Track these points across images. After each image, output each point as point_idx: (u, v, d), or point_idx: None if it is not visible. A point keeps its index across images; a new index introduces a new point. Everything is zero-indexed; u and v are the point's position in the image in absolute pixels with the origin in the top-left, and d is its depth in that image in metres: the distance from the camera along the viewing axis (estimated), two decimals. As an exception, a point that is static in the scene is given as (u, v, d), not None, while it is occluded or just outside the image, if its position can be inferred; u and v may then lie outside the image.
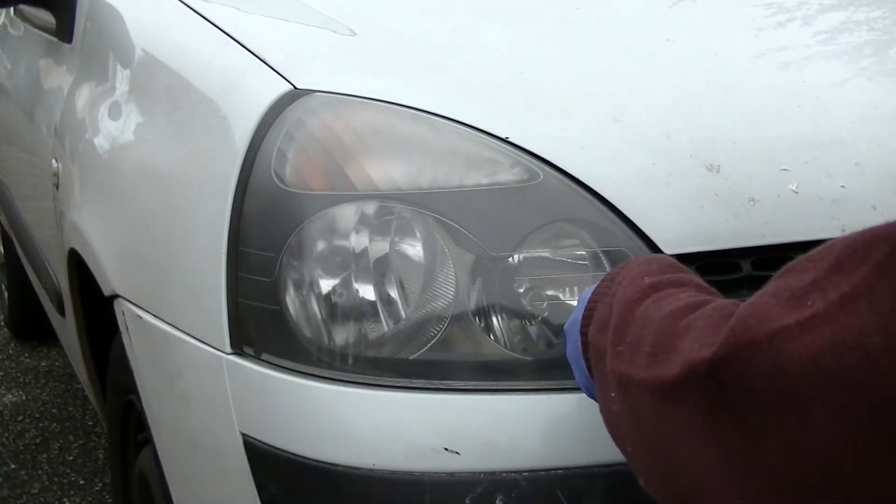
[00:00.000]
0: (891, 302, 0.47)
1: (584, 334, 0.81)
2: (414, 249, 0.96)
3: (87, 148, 1.50)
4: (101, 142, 1.44)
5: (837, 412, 0.48)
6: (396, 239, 0.96)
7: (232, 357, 1.02)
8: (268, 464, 0.99)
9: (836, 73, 1.19)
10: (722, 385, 0.55)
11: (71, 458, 2.58)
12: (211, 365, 1.05)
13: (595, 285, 0.84)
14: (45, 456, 2.59)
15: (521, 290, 0.96)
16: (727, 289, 0.92)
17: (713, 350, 0.55)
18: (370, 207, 0.97)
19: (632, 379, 0.67)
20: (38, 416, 2.82)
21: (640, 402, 0.66)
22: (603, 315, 0.77)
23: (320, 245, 0.97)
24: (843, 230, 0.94)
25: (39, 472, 2.51)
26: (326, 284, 0.97)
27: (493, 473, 0.92)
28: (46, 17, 1.93)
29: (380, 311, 0.96)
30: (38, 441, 2.67)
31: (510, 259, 0.95)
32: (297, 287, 0.98)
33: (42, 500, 2.39)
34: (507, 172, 0.98)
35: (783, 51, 1.25)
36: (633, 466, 0.73)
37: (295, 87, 1.05)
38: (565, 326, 0.89)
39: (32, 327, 3.23)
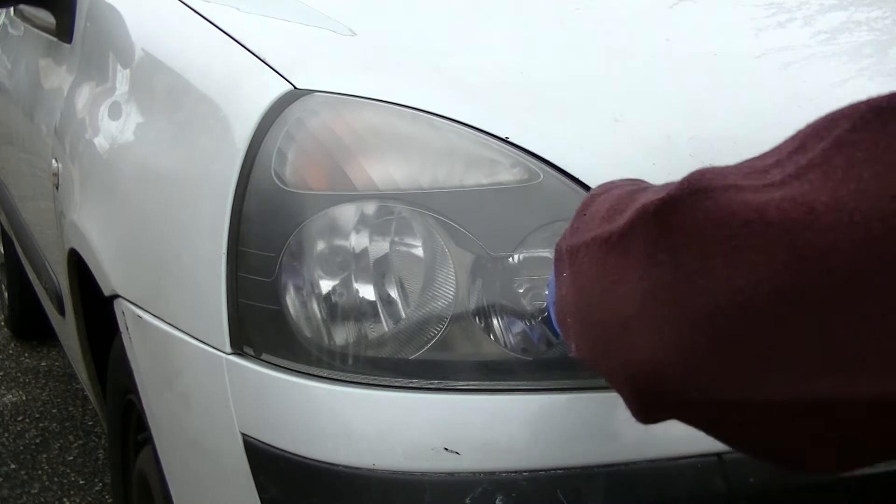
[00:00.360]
0: (844, 170, 0.48)
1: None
2: (414, 249, 0.96)
3: (87, 148, 1.50)
4: (101, 142, 1.44)
5: (771, 260, 0.49)
6: (396, 239, 0.96)
7: (232, 357, 1.02)
8: (268, 464, 0.99)
9: (836, 73, 1.19)
10: (667, 225, 0.55)
11: (71, 458, 2.58)
12: (211, 365, 1.05)
13: None
14: (45, 456, 2.59)
15: (521, 290, 0.96)
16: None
17: (666, 192, 0.56)
18: (370, 207, 0.97)
19: (581, 245, 0.68)
20: (38, 416, 2.82)
21: (585, 263, 0.66)
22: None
23: (320, 245, 0.97)
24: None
25: (39, 472, 2.51)
26: (326, 284, 0.97)
27: (493, 473, 0.92)
28: (46, 17, 1.93)
29: (380, 311, 0.96)
30: (38, 441, 2.67)
31: (510, 259, 0.95)
32: (297, 287, 0.98)
33: (42, 500, 2.39)
34: (507, 172, 0.98)
35: (783, 51, 1.25)
36: (569, 337, 0.73)
37: (295, 87, 1.05)
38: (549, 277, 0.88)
39: (32, 327, 3.24)
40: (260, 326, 1.00)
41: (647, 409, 0.62)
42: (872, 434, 0.52)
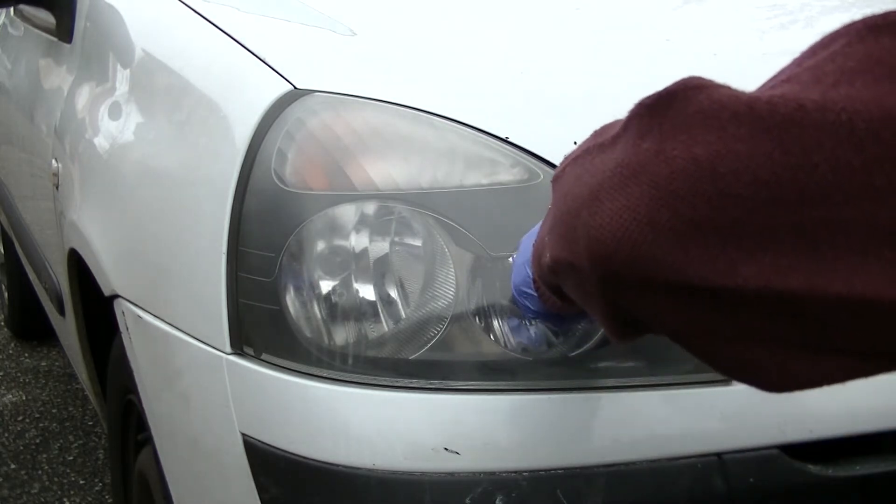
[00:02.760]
0: (836, 76, 0.50)
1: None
2: (414, 249, 0.96)
3: (87, 148, 1.50)
4: (101, 142, 1.44)
5: (756, 151, 0.51)
6: (396, 239, 0.96)
7: (232, 357, 1.02)
8: (268, 464, 0.99)
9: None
10: (660, 117, 0.57)
11: (71, 458, 2.58)
12: (211, 365, 1.05)
13: None
14: (45, 456, 2.59)
15: (522, 290, 0.96)
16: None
17: (664, 89, 0.57)
18: (370, 207, 0.97)
19: (565, 166, 0.69)
20: (38, 416, 2.82)
21: (569, 174, 0.66)
22: None
23: (320, 245, 0.97)
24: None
25: (39, 472, 2.51)
26: (326, 284, 0.97)
27: (493, 473, 0.92)
28: (46, 17, 1.93)
29: (380, 311, 0.96)
30: (38, 441, 2.67)
31: (510, 259, 0.95)
32: (297, 287, 0.98)
33: (42, 500, 2.39)
34: (507, 172, 0.98)
35: (784, 52, 1.25)
36: (545, 256, 0.72)
37: (295, 87, 1.05)
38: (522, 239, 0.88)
39: (32, 327, 3.24)
40: (260, 326, 1.00)
41: (617, 296, 0.61)
42: (842, 340, 0.53)
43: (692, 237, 0.53)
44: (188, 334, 1.09)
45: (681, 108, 0.55)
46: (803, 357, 0.55)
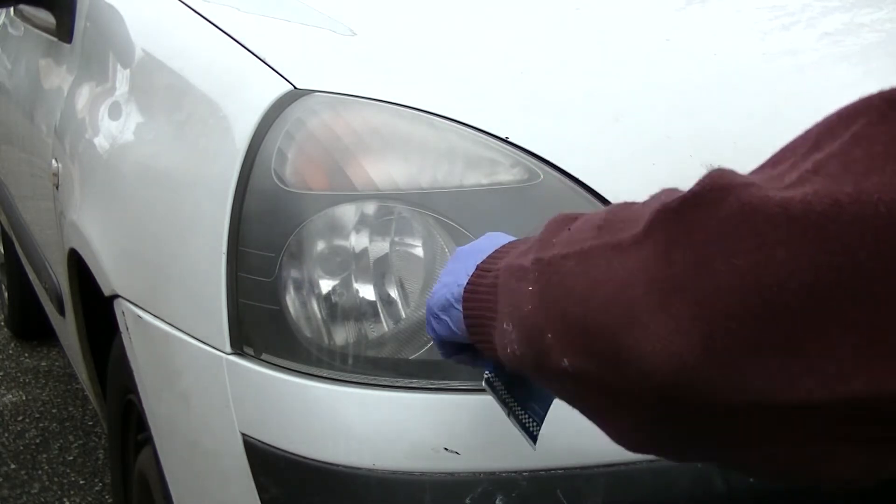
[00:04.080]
0: (865, 163, 0.48)
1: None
2: (414, 249, 0.96)
3: (87, 148, 1.50)
4: (101, 142, 1.44)
5: (798, 256, 0.49)
6: (396, 239, 0.96)
7: (232, 357, 1.02)
8: (268, 464, 0.99)
9: (837, 74, 1.19)
10: (689, 223, 0.54)
11: (71, 458, 2.58)
12: (211, 365, 1.05)
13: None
14: (45, 456, 2.59)
15: (521, 291, 0.96)
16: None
17: (688, 191, 0.55)
18: (370, 207, 0.97)
19: (568, 255, 0.65)
20: (38, 416, 2.82)
21: (577, 274, 0.63)
22: (519, 250, 0.73)
23: (320, 245, 0.97)
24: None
25: (39, 472, 2.51)
26: (326, 284, 0.97)
27: (493, 473, 0.92)
28: (46, 17, 1.93)
29: (380, 311, 0.96)
30: (38, 441, 2.67)
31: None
32: (297, 287, 0.98)
33: (42, 500, 2.39)
34: (507, 172, 0.98)
35: (785, 52, 1.25)
36: (552, 352, 0.68)
37: (295, 87, 1.05)
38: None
39: (32, 327, 3.24)
40: (260, 326, 1.00)
41: (669, 419, 0.58)
42: None
43: (748, 356, 0.51)
44: (188, 334, 1.09)
45: (711, 214, 0.53)
46: (863, 454, 0.53)
